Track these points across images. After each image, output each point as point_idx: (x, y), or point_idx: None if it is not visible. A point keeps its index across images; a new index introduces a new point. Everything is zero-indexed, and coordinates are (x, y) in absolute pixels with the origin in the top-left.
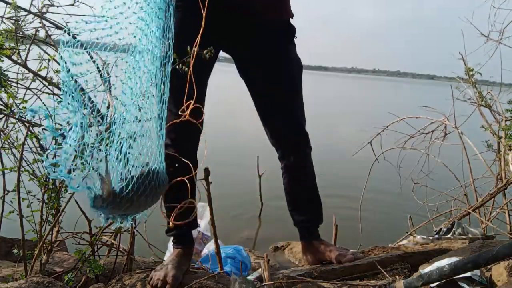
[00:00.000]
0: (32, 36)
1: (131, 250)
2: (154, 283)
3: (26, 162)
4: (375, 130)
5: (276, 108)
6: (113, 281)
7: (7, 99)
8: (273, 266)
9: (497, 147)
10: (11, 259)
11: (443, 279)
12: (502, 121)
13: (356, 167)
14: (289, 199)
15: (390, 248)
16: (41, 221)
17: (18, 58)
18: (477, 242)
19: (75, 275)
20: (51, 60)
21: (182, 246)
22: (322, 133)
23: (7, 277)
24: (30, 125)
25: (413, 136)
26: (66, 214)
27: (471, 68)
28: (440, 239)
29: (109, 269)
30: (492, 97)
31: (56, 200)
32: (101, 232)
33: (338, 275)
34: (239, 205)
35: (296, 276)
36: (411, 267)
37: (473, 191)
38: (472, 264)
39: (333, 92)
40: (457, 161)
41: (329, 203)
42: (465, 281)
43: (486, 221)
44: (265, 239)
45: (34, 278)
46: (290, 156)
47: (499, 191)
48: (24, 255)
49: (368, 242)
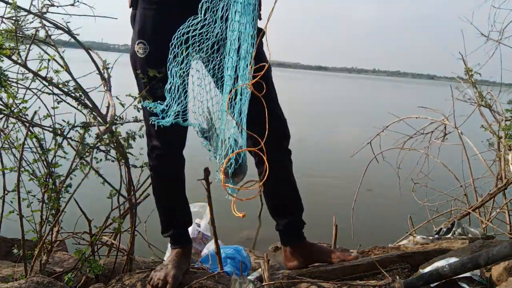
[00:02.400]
0: (32, 36)
1: (131, 250)
2: (155, 283)
3: (26, 162)
4: (374, 130)
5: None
6: (113, 281)
7: (7, 99)
8: (273, 266)
9: (497, 147)
10: (11, 259)
11: (443, 279)
12: (502, 121)
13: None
14: (275, 202)
15: (390, 248)
16: (41, 221)
17: (18, 58)
18: (477, 242)
19: (75, 275)
20: (51, 60)
21: (180, 246)
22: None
23: (7, 277)
24: (30, 125)
25: (412, 136)
26: (66, 214)
27: (471, 68)
28: (440, 239)
29: (109, 269)
30: (492, 97)
31: (56, 200)
32: (101, 232)
33: (338, 275)
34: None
35: (296, 276)
36: (411, 267)
37: (473, 191)
38: (472, 264)
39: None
40: (457, 161)
41: (329, 203)
42: (465, 281)
43: (486, 221)
44: (265, 239)
45: (34, 278)
46: (275, 151)
47: (499, 191)
48: (24, 255)
49: (368, 242)
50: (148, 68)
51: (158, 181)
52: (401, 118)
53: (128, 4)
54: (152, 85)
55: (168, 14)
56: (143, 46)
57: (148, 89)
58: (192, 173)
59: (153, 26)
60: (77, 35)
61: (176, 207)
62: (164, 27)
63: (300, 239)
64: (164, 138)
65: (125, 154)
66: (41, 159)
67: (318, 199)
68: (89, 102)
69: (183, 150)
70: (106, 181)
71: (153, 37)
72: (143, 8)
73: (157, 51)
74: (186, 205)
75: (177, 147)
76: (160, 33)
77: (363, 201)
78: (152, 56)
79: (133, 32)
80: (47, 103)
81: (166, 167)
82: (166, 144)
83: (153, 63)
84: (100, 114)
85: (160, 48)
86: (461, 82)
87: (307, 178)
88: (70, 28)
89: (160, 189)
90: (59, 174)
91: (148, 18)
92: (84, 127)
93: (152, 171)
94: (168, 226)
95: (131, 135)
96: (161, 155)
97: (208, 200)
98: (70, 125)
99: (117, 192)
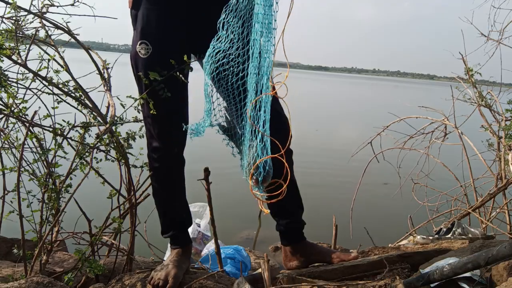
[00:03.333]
0: (32, 36)
1: (131, 250)
2: (155, 283)
3: (26, 162)
4: (375, 130)
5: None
6: (113, 281)
7: (7, 99)
8: (273, 266)
9: (497, 147)
10: (11, 259)
11: (443, 279)
12: (502, 121)
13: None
14: (276, 201)
15: (390, 248)
16: (41, 221)
17: (18, 58)
18: (477, 242)
19: (75, 275)
20: (51, 60)
21: (180, 246)
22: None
23: (7, 277)
24: (30, 125)
25: (413, 136)
26: (66, 214)
27: (471, 68)
28: (440, 239)
29: (109, 269)
30: (492, 97)
31: (56, 200)
32: (101, 232)
33: (338, 275)
34: (239, 205)
35: (296, 276)
36: (411, 267)
37: (473, 191)
38: (472, 264)
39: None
40: (457, 161)
41: (329, 203)
42: (465, 281)
43: (486, 221)
44: (265, 239)
45: (34, 278)
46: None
47: (499, 191)
48: (24, 255)
49: (368, 242)
50: (151, 69)
51: (158, 182)
52: (401, 118)
53: (129, 5)
54: (155, 86)
55: (171, 14)
56: (145, 47)
57: (149, 90)
58: (192, 173)
59: (156, 26)
60: (77, 35)
61: (176, 208)
62: (167, 27)
63: (300, 239)
64: (164, 139)
65: (125, 154)
66: (41, 159)
67: (318, 199)
68: (89, 102)
69: (183, 150)
70: (106, 181)
71: (156, 38)
72: (146, 8)
73: (160, 52)
74: (186, 205)
75: (177, 148)
76: (163, 34)
77: (363, 201)
78: (155, 56)
79: (135, 33)
80: (47, 103)
81: (166, 167)
82: (166, 144)
83: (156, 64)
84: (100, 114)
85: (163, 48)
86: (461, 82)
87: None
88: (70, 28)
89: (160, 189)
90: (59, 174)
91: (151, 18)
92: (84, 127)
93: (152, 171)
94: (168, 227)
95: (131, 135)
96: (161, 155)
97: (208, 200)
98: (70, 125)
99: (117, 192)
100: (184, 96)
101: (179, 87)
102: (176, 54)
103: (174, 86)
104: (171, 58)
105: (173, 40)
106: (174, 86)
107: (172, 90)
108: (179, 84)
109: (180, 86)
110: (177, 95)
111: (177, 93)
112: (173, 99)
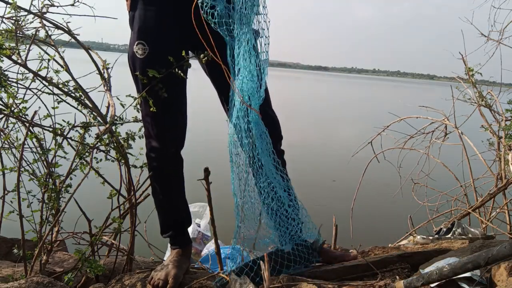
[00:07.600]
0: (32, 36)
1: (131, 250)
2: (155, 283)
3: (26, 162)
4: (375, 130)
5: None
6: (113, 281)
7: (7, 99)
8: None
9: (497, 147)
10: (11, 259)
11: (443, 279)
12: (502, 121)
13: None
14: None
15: (390, 248)
16: (41, 221)
17: (18, 58)
18: (477, 242)
19: (75, 275)
20: (51, 60)
21: (180, 246)
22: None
23: (7, 277)
24: (30, 125)
25: (413, 136)
26: (66, 214)
27: (471, 68)
28: (440, 239)
29: (109, 269)
30: (492, 97)
31: (56, 200)
32: (101, 232)
33: (338, 275)
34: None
35: (296, 276)
36: (411, 267)
37: (473, 191)
38: (472, 264)
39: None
40: (457, 161)
41: (330, 203)
42: (465, 281)
43: (486, 221)
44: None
45: (34, 278)
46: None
47: (499, 191)
48: (24, 255)
49: (368, 242)
50: (148, 69)
51: (157, 181)
52: (401, 118)
53: (128, 8)
54: (153, 86)
55: (167, 15)
56: (142, 47)
57: (148, 89)
58: (192, 173)
59: (153, 26)
60: (77, 35)
61: (176, 207)
62: (164, 27)
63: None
64: (163, 139)
65: (125, 154)
66: (41, 159)
67: (318, 199)
68: (89, 102)
69: (181, 149)
70: (106, 181)
71: (152, 38)
72: (142, 9)
73: (156, 52)
74: (186, 205)
75: (176, 147)
76: (159, 34)
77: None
78: (152, 56)
79: (132, 34)
80: (47, 103)
81: (165, 167)
82: (165, 144)
83: (153, 64)
84: (100, 114)
85: (160, 48)
86: (461, 82)
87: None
88: (70, 28)
89: (159, 189)
90: (59, 174)
91: (148, 18)
92: (84, 127)
93: (151, 171)
94: (168, 227)
95: (130, 135)
96: (160, 155)
97: (208, 200)
98: (70, 125)
99: (117, 192)
100: (182, 95)
101: (177, 87)
102: (172, 53)
103: (172, 86)
104: (168, 57)
105: (168, 39)
106: (172, 86)
107: (170, 90)
108: (177, 83)
109: (179, 85)
110: (175, 95)
111: (175, 92)
112: (171, 98)
